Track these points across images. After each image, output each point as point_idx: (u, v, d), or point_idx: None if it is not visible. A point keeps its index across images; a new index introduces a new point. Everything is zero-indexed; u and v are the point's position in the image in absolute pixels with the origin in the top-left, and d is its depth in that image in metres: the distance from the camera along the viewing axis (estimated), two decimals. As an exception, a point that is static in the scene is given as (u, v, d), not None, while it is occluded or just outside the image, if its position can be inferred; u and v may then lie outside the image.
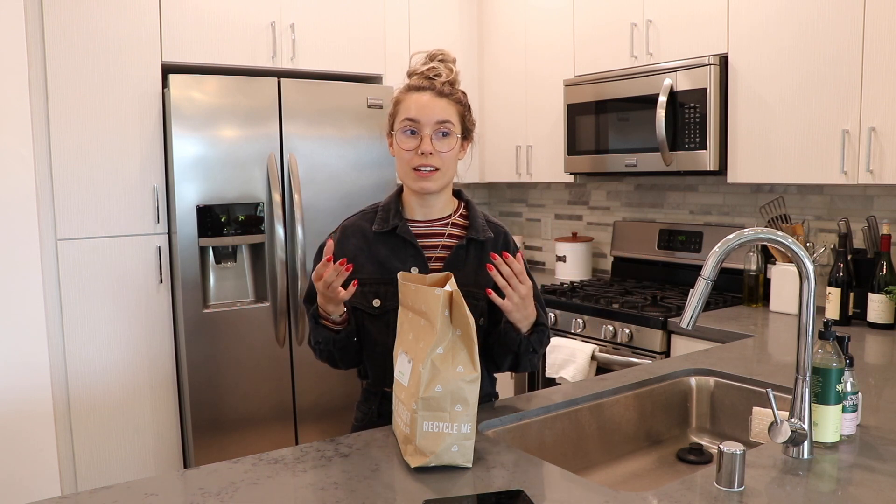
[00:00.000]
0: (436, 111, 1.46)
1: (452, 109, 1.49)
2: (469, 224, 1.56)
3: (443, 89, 1.48)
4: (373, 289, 1.51)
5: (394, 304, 1.47)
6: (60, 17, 2.72)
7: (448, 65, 1.52)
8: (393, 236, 1.53)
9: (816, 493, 1.14)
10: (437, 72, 1.50)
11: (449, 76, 1.51)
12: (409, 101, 1.48)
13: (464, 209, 1.60)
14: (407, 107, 1.48)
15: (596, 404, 1.67)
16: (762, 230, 1.29)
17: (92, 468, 2.87)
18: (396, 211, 1.55)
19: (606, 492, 1.16)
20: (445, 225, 1.56)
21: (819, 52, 2.41)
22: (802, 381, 1.28)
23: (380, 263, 1.51)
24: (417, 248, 1.51)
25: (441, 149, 1.47)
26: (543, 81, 3.51)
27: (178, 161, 2.84)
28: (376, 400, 1.57)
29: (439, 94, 1.48)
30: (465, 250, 1.53)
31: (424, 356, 1.22)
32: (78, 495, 1.15)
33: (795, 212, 2.85)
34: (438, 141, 1.47)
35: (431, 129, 1.46)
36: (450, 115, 1.48)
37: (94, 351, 2.85)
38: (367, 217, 1.58)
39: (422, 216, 1.55)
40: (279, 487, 1.18)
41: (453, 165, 1.51)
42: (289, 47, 3.19)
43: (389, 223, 1.53)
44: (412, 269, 1.49)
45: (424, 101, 1.47)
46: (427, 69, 1.51)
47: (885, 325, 2.37)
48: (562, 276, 3.61)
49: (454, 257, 1.52)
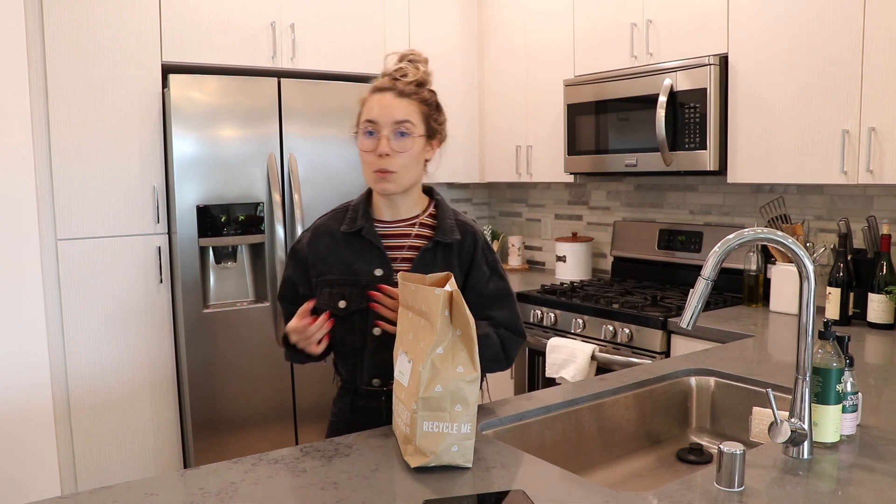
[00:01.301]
0: (394, 112, 1.46)
1: (414, 109, 1.48)
2: (437, 225, 1.55)
3: (405, 89, 1.48)
4: (339, 290, 1.51)
5: (358, 306, 1.49)
6: (60, 17, 2.72)
7: (417, 65, 1.52)
8: (359, 238, 1.53)
9: (816, 493, 1.14)
10: (404, 72, 1.50)
11: (416, 76, 1.50)
12: (371, 102, 1.49)
13: (433, 208, 1.58)
14: (369, 108, 1.49)
15: (596, 404, 1.67)
16: (762, 230, 1.29)
17: (92, 468, 2.87)
18: (365, 211, 1.55)
19: (606, 492, 1.16)
20: (413, 225, 1.55)
21: (819, 52, 2.41)
22: (802, 381, 1.28)
23: (346, 265, 1.52)
24: (381, 251, 1.51)
25: (399, 149, 1.46)
26: (543, 81, 3.51)
27: (178, 161, 2.84)
28: (349, 396, 1.59)
29: (400, 95, 1.47)
30: (433, 253, 1.52)
31: (424, 356, 1.22)
32: (78, 495, 1.15)
33: (795, 212, 2.85)
34: (396, 141, 1.46)
35: (389, 129, 1.46)
36: (409, 115, 1.47)
37: (94, 351, 2.85)
38: (338, 217, 1.58)
39: (389, 216, 1.55)
40: (279, 487, 1.18)
41: (415, 166, 1.50)
42: (289, 47, 3.19)
43: (357, 224, 1.53)
44: (376, 270, 1.50)
45: (384, 102, 1.47)
46: (395, 70, 1.51)
47: (885, 325, 2.37)
48: (562, 276, 3.61)
49: (421, 259, 1.51)
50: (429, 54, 1.71)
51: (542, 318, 3.06)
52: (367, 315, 1.50)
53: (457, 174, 3.92)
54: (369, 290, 1.48)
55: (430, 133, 1.53)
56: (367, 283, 1.49)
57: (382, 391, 1.55)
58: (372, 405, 1.56)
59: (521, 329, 1.57)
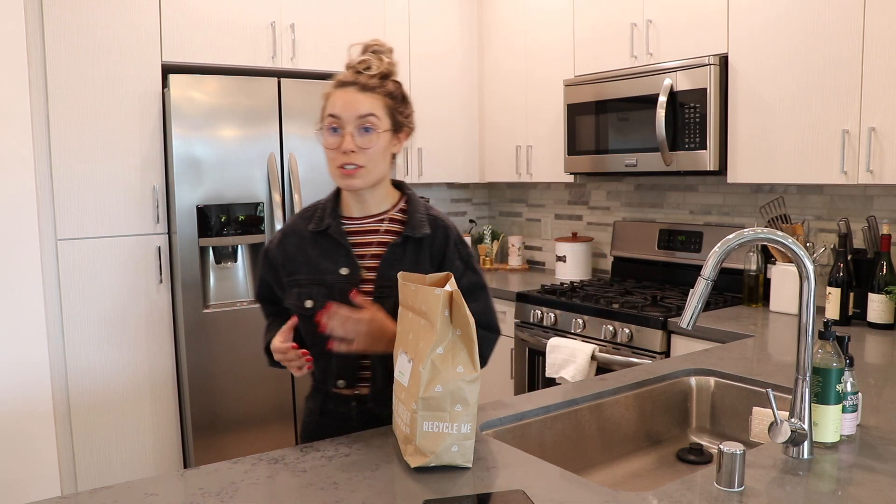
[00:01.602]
0: (358, 107, 1.42)
1: (378, 103, 1.44)
2: (407, 220, 1.52)
3: (368, 83, 1.44)
4: (306, 290, 1.49)
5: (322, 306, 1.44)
6: (60, 17, 2.72)
7: (381, 56, 1.47)
8: (326, 236, 1.50)
9: (816, 493, 1.14)
10: (368, 64, 1.45)
11: (380, 68, 1.46)
12: (334, 97, 1.45)
13: (404, 203, 1.55)
14: (332, 103, 1.45)
15: (596, 404, 1.67)
16: (762, 230, 1.29)
17: (92, 468, 2.87)
18: (333, 209, 1.52)
19: (606, 492, 1.16)
20: (381, 221, 1.52)
21: (819, 52, 2.41)
22: (802, 381, 1.28)
23: (313, 265, 1.50)
24: (348, 250, 1.48)
25: (364, 145, 1.42)
26: (543, 82, 3.51)
27: (177, 161, 2.84)
28: (319, 398, 1.56)
29: (363, 89, 1.43)
30: (402, 248, 1.49)
31: (424, 356, 1.22)
32: (78, 495, 1.15)
33: (795, 212, 2.85)
34: (361, 137, 1.42)
35: (353, 125, 1.42)
36: (374, 109, 1.43)
37: (94, 351, 2.85)
38: (306, 216, 1.56)
39: (358, 213, 1.52)
40: (279, 487, 1.18)
41: (381, 160, 1.46)
42: (289, 47, 3.19)
43: (324, 223, 1.51)
44: (342, 269, 1.47)
45: (347, 97, 1.43)
46: (358, 62, 1.46)
47: (885, 325, 2.37)
48: (562, 276, 3.61)
49: (390, 255, 1.49)
50: (429, 54, 1.71)
51: (542, 318, 3.06)
52: None
53: (457, 174, 3.92)
54: (335, 289, 1.46)
55: (396, 126, 1.48)
56: (333, 283, 1.47)
57: (353, 396, 1.52)
58: (341, 410, 1.53)
59: (495, 325, 1.55)
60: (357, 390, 1.52)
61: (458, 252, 1.54)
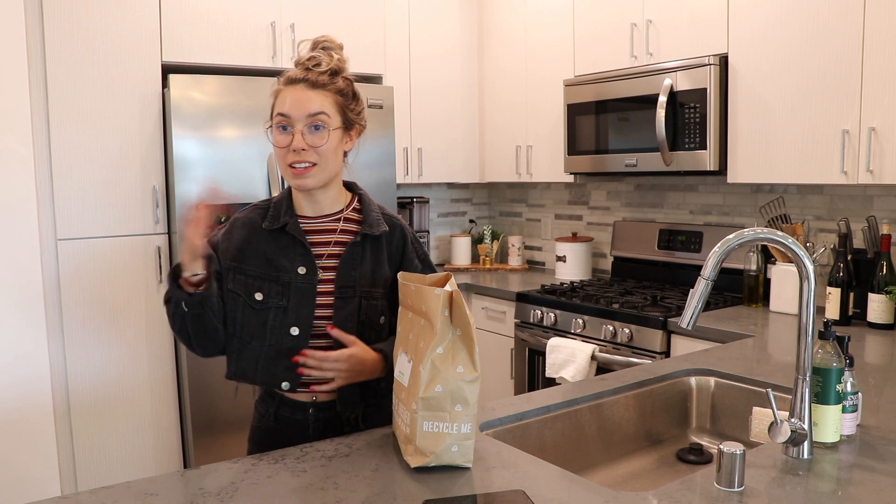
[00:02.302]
0: (307, 105, 1.39)
1: (328, 101, 1.41)
2: (363, 219, 1.51)
3: (318, 80, 1.41)
4: (256, 283, 1.44)
5: (277, 303, 1.42)
6: (60, 17, 2.72)
7: (330, 52, 1.45)
8: (283, 234, 1.47)
9: (816, 494, 1.14)
10: (318, 61, 1.42)
11: (330, 64, 1.43)
12: (284, 94, 1.41)
13: (357, 203, 1.54)
14: (282, 101, 1.41)
15: (596, 404, 1.67)
16: (762, 230, 1.29)
17: (92, 468, 2.87)
18: (288, 207, 1.49)
19: (606, 492, 1.16)
20: (337, 220, 1.50)
21: (819, 52, 2.41)
22: (802, 381, 1.28)
23: (267, 260, 1.45)
24: (306, 247, 1.46)
25: (314, 143, 1.39)
26: (543, 82, 3.51)
27: (178, 161, 2.84)
28: (274, 403, 1.50)
29: (313, 86, 1.40)
30: (361, 247, 1.48)
31: (424, 356, 1.22)
32: (78, 495, 1.15)
33: (795, 212, 2.85)
34: (311, 135, 1.39)
35: (303, 123, 1.39)
36: (324, 107, 1.40)
37: (94, 350, 2.85)
38: (259, 212, 1.51)
39: (311, 212, 1.50)
40: (279, 487, 1.18)
41: (333, 159, 1.43)
42: (289, 47, 3.19)
43: (280, 220, 1.47)
44: (299, 268, 1.44)
45: (297, 95, 1.40)
46: (307, 59, 1.44)
47: (885, 325, 2.37)
48: (562, 276, 3.61)
49: (349, 256, 1.46)
50: (429, 54, 1.70)
51: (542, 318, 3.06)
52: (286, 314, 1.43)
53: (457, 174, 3.92)
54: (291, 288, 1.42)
55: (347, 124, 1.46)
56: (288, 281, 1.44)
57: (310, 403, 1.47)
58: (298, 417, 1.48)
59: None
60: (315, 396, 1.47)
61: (415, 251, 1.55)
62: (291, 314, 1.43)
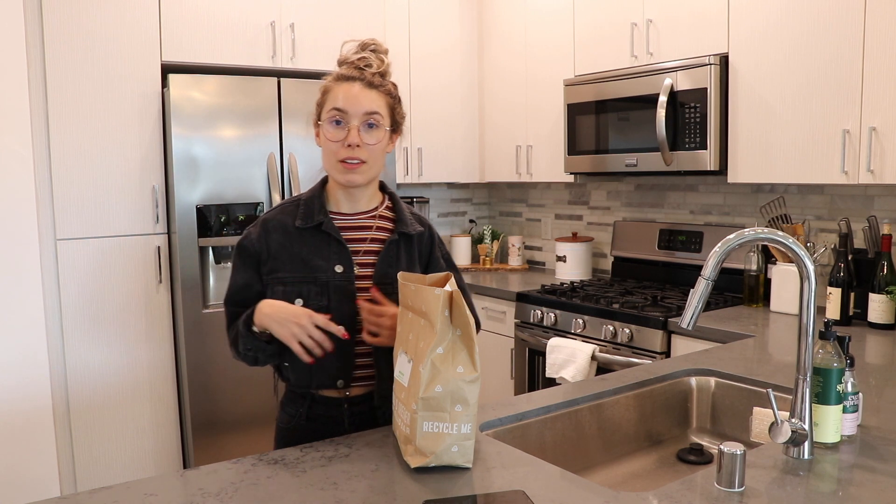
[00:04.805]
0: (364, 102, 1.42)
1: (382, 101, 1.45)
2: (396, 217, 1.53)
3: (372, 80, 1.44)
4: (295, 288, 1.45)
5: (317, 304, 1.43)
6: (60, 17, 2.72)
7: (380, 55, 1.48)
8: (317, 232, 1.47)
9: (817, 494, 1.14)
10: (368, 62, 1.46)
11: (380, 67, 1.47)
12: (337, 90, 1.44)
13: (389, 202, 1.56)
14: (335, 96, 1.43)
15: (596, 404, 1.67)
16: (763, 230, 1.29)
17: (92, 468, 2.87)
18: (321, 205, 1.49)
19: (606, 492, 1.16)
20: (373, 217, 1.52)
21: (820, 51, 2.40)
22: (803, 382, 1.28)
23: (302, 261, 1.45)
24: (343, 245, 1.46)
25: (368, 141, 1.43)
26: (543, 81, 3.51)
27: (177, 161, 2.84)
28: (305, 403, 1.51)
29: (368, 85, 1.44)
30: (397, 245, 1.50)
31: (424, 356, 1.22)
32: (78, 495, 1.15)
33: (796, 212, 2.85)
34: (366, 133, 1.43)
35: (359, 120, 1.42)
36: (378, 107, 1.44)
37: (94, 351, 2.85)
38: (288, 211, 1.51)
39: (348, 209, 1.51)
40: (279, 487, 1.18)
41: (380, 158, 1.47)
42: (288, 47, 3.19)
43: (314, 219, 1.47)
44: (336, 266, 1.45)
45: (353, 92, 1.42)
46: (358, 59, 1.46)
47: (885, 326, 2.37)
48: (562, 276, 3.61)
49: (387, 253, 1.48)
50: (429, 54, 1.71)
51: (542, 318, 3.06)
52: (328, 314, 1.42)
53: (457, 174, 3.92)
54: (329, 287, 1.43)
55: (394, 126, 1.50)
56: (326, 281, 1.44)
57: (344, 398, 1.49)
58: (333, 413, 1.49)
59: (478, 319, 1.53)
60: (348, 391, 1.49)
61: (441, 251, 1.57)
62: (334, 314, 1.42)
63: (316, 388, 1.49)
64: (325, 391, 1.50)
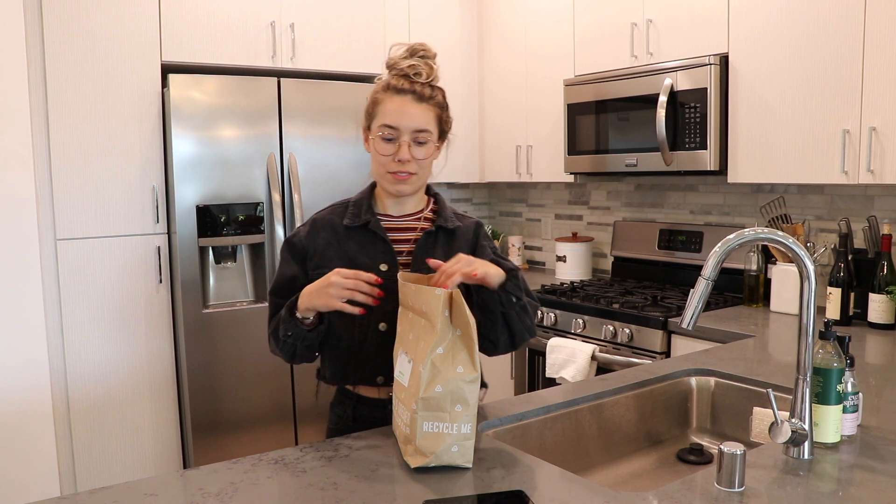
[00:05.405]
0: (414, 119, 1.45)
1: (431, 115, 1.48)
2: (437, 217, 1.56)
3: (423, 92, 1.47)
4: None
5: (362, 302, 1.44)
6: (60, 17, 2.72)
7: (428, 62, 1.50)
8: (364, 231, 1.51)
9: (817, 494, 1.14)
10: (418, 70, 1.47)
11: (429, 75, 1.49)
12: (388, 104, 1.46)
13: (433, 203, 1.60)
14: (385, 110, 1.46)
15: (596, 404, 1.67)
16: (763, 230, 1.29)
17: (91, 468, 2.87)
18: (369, 206, 1.54)
19: (606, 492, 1.16)
20: (418, 219, 1.56)
21: (820, 51, 2.40)
22: (803, 382, 1.28)
23: (349, 259, 1.49)
24: (388, 244, 1.50)
25: (418, 155, 1.46)
26: (543, 81, 3.51)
27: (177, 161, 2.84)
28: (351, 403, 1.55)
29: (419, 99, 1.46)
30: (434, 236, 1.53)
31: (425, 356, 1.22)
32: (77, 495, 1.14)
33: (796, 212, 2.85)
34: (416, 148, 1.46)
35: (410, 136, 1.45)
36: (428, 123, 1.47)
37: (94, 351, 2.85)
38: (337, 212, 1.56)
39: (395, 212, 1.55)
40: (279, 487, 1.18)
41: (429, 168, 1.52)
42: (288, 47, 3.19)
43: (361, 218, 1.51)
44: (381, 265, 1.47)
45: (405, 108, 1.45)
46: (408, 66, 1.48)
47: (885, 326, 2.37)
48: (562, 276, 3.61)
49: (423, 244, 1.51)
50: (429, 54, 1.69)
51: (542, 318, 3.06)
52: (372, 311, 1.45)
53: (457, 174, 3.92)
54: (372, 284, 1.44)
55: (441, 135, 1.54)
56: None
57: (387, 399, 1.50)
58: (377, 415, 1.51)
59: (533, 295, 1.57)
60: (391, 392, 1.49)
61: (488, 243, 1.59)
62: (377, 310, 1.44)
63: (353, 383, 1.53)
64: (366, 391, 1.53)
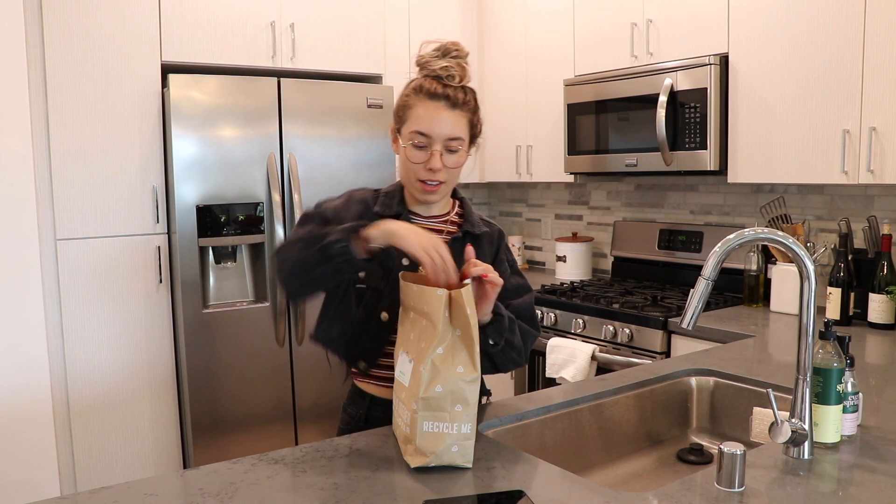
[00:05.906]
0: (447, 127, 1.42)
1: (463, 122, 1.44)
2: (464, 221, 1.57)
3: (456, 97, 1.42)
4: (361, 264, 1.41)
5: (375, 284, 1.46)
6: (60, 17, 2.72)
7: (461, 62, 1.45)
8: None
9: (817, 494, 1.14)
10: (451, 73, 1.43)
11: (463, 77, 1.45)
12: (420, 110, 1.43)
13: (459, 207, 1.60)
14: (418, 117, 1.43)
15: (596, 404, 1.67)
16: (763, 230, 1.29)
17: (91, 468, 2.87)
18: (401, 199, 1.53)
19: (606, 492, 1.16)
20: (444, 223, 1.56)
21: (820, 51, 2.40)
22: (803, 382, 1.28)
23: None
24: None
25: (449, 164, 1.44)
26: (543, 81, 3.51)
27: (177, 161, 2.84)
28: (364, 404, 1.54)
29: (452, 105, 1.42)
30: (461, 243, 1.49)
31: (425, 356, 1.22)
32: (78, 495, 1.14)
33: (796, 212, 2.85)
34: (447, 156, 1.44)
35: (442, 145, 1.43)
36: (460, 131, 1.44)
37: (94, 351, 2.85)
38: (370, 196, 1.55)
39: (423, 212, 1.55)
40: (279, 487, 1.18)
41: (458, 175, 1.51)
42: (288, 47, 3.19)
43: (393, 209, 1.50)
44: (404, 259, 1.45)
45: (437, 116, 1.42)
46: (440, 69, 1.43)
47: (885, 326, 2.37)
48: (562, 276, 3.61)
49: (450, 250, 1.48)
50: (429, 54, 1.69)
51: (542, 318, 3.06)
52: (380, 298, 1.46)
53: (457, 174, 3.91)
54: (392, 274, 1.43)
55: (472, 140, 1.51)
56: (391, 267, 1.45)
57: None
58: (389, 416, 1.48)
59: (536, 324, 1.55)
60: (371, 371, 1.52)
61: (506, 256, 1.59)
62: (385, 299, 1.45)
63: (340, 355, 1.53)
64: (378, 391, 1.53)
